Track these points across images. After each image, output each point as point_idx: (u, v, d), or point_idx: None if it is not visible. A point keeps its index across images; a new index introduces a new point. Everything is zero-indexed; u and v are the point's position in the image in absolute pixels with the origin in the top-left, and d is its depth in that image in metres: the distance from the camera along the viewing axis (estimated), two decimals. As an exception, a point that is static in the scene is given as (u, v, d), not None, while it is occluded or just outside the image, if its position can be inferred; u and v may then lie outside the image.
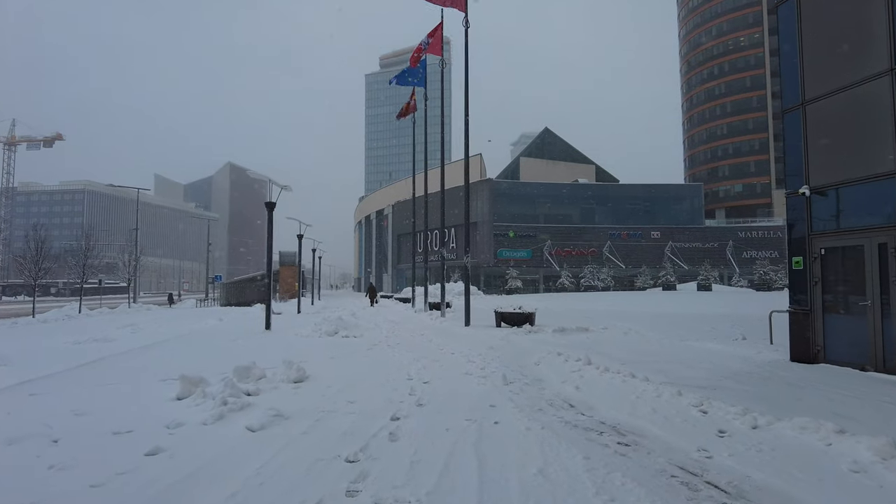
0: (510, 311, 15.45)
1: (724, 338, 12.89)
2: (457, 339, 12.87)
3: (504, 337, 12.81)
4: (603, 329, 14.69)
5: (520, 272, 57.04)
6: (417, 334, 14.13)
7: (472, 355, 9.96)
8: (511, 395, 6.62)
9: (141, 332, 16.94)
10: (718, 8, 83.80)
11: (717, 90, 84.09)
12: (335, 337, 13.29)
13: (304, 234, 25.00)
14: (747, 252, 67.78)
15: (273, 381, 7.17)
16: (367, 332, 14.38)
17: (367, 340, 12.74)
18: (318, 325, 14.12)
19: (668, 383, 6.90)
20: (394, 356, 10.06)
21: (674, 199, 71.14)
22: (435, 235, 59.13)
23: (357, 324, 15.48)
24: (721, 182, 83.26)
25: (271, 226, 15.05)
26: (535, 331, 13.75)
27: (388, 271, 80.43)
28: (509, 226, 64.02)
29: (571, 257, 64.21)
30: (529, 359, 9.51)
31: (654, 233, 67.51)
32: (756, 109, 79.68)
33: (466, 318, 15.96)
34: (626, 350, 10.50)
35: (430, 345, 11.86)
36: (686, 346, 11.46)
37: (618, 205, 69.15)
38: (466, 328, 15.39)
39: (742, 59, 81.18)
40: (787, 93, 9.48)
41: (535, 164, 75.20)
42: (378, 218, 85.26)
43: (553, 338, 12.63)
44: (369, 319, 19.85)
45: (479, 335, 13.45)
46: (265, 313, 15.08)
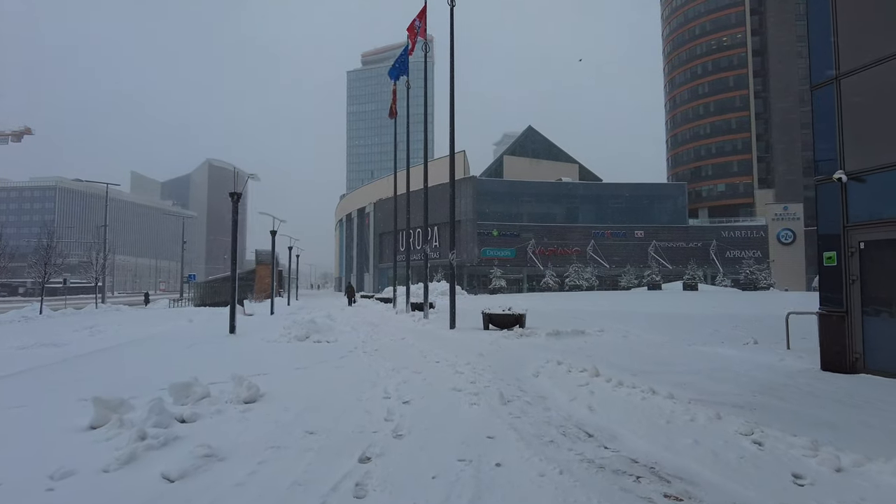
0: (499, 312, 14.22)
1: (733, 341, 11.82)
2: (442, 343, 11.58)
3: (494, 341, 11.57)
4: (599, 332, 13.54)
5: (504, 272, 56.01)
6: (398, 338, 12.82)
7: (459, 364, 8.69)
8: (512, 419, 5.35)
9: (100, 334, 15.42)
10: (702, 7, 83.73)
11: (701, 89, 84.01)
12: (306, 342, 11.92)
13: (277, 231, 23.53)
14: (730, 252, 67.71)
15: (217, 402, 5.82)
16: (342, 336, 13.02)
17: (342, 346, 11.40)
18: (287, 328, 12.72)
19: (697, 401, 5.71)
20: (370, 366, 8.75)
21: (657, 199, 70.83)
22: (417, 234, 57.84)
23: (332, 326, 14.11)
24: (704, 182, 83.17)
25: (236, 218, 13.63)
26: (526, 334, 12.54)
27: (369, 271, 78.87)
28: (493, 224, 63.00)
29: (555, 256, 63.42)
30: (526, 369, 8.26)
31: (638, 232, 67.10)
32: (739, 109, 79.69)
33: (451, 319, 14.69)
34: (632, 357, 9.32)
35: (411, 351, 10.56)
36: (696, 351, 10.33)
37: (602, 204, 68.61)
38: (451, 331, 14.12)
39: (725, 59, 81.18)
40: (817, 66, 8.38)
41: (519, 162, 74.30)
42: (359, 216, 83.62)
43: (548, 342, 11.42)
44: (346, 321, 18.47)
45: (467, 339, 12.19)
46: (230, 315, 13.64)
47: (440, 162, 65.27)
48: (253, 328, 14.98)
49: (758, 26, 78.87)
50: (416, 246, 61.34)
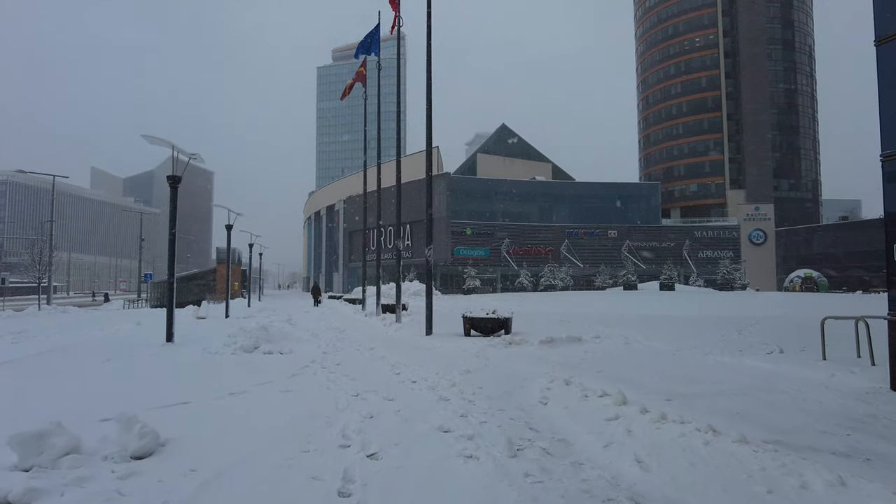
0: (482, 315, 12.45)
1: (750, 349, 10.30)
2: (418, 355, 9.73)
3: (480, 352, 9.77)
4: (596, 338, 11.90)
5: (478, 271, 54.37)
6: (366, 348, 10.91)
7: (442, 385, 6.87)
8: (531, 486, 3.56)
9: (25, 341, 13.10)
10: (675, 8, 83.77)
11: (673, 90, 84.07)
12: (254, 354, 9.93)
13: (233, 225, 21.26)
14: (703, 252, 67.59)
15: (88, 461, 3.88)
16: (299, 346, 11.03)
17: (297, 359, 9.45)
18: (232, 336, 10.67)
19: (781, 445, 4.05)
20: (328, 388, 6.85)
21: (631, 198, 70.32)
22: (389, 232, 55.77)
23: (288, 333, 12.10)
24: (676, 182, 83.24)
25: (174, 207, 11.54)
26: (516, 342, 10.79)
27: (338, 270, 76.35)
28: (467, 223, 61.39)
29: (529, 256, 62.18)
30: (529, 392, 6.47)
31: (612, 232, 66.43)
32: (711, 110, 79.90)
33: (428, 324, 12.86)
34: (652, 372, 7.65)
35: (381, 366, 8.68)
36: (719, 363, 8.74)
37: (575, 203, 67.74)
38: (428, 338, 12.29)
39: (697, 60, 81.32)
40: (882, 16, 6.85)
41: (493, 160, 72.96)
42: (328, 214, 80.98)
43: (543, 352, 9.69)
44: (308, 326, 16.45)
45: (447, 349, 10.35)
46: (167, 320, 11.53)
47: (413, 158, 63.31)
48: (198, 335, 12.85)
49: (729, 28, 79.21)
50: (387, 244, 59.26)
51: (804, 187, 79.38)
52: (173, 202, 11.52)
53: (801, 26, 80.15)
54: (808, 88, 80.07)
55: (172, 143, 11.33)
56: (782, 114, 78.31)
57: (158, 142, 11.37)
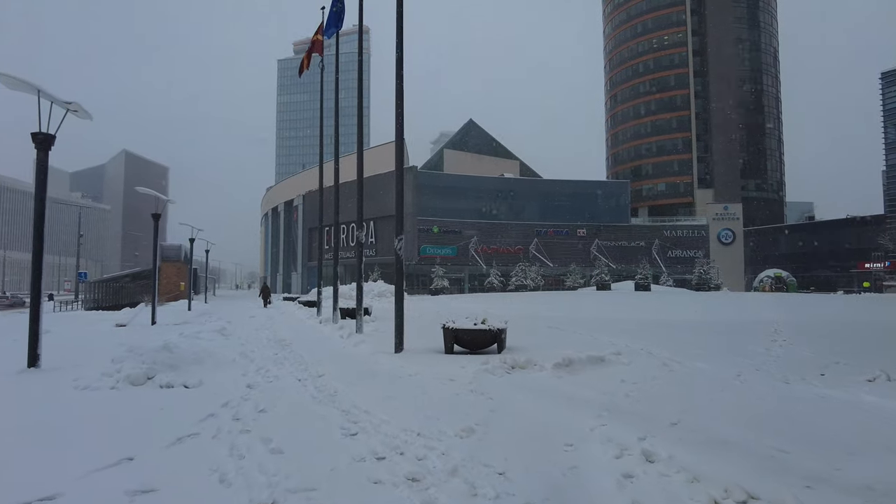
0: (469, 326, 9.54)
1: (826, 370, 7.73)
2: (387, 392, 6.67)
3: (475, 383, 6.83)
4: (616, 354, 9.11)
5: (445, 271, 51.49)
6: (312, 376, 7.79)
7: (432, 471, 3.90)
8: None
9: None
10: (643, 6, 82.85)
11: (642, 87, 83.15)
12: (144, 387, 6.76)
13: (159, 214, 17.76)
14: (672, 251, 66.56)
15: None
16: (217, 374, 7.84)
17: (205, 399, 6.31)
18: (118, 361, 7.44)
19: None
20: (221, 483, 3.77)
21: (600, 197, 68.87)
22: (351, 229, 52.39)
23: (208, 353, 8.88)
24: (644, 181, 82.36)
25: (43, 182, 8.26)
26: (519, 364, 7.91)
27: (297, 269, 72.29)
28: (434, 220, 58.51)
29: (498, 255, 59.76)
30: (595, 486, 3.58)
31: (581, 230, 64.77)
32: (679, 108, 79.22)
33: (398, 337, 9.83)
34: (743, 420, 4.87)
35: (329, 415, 5.61)
36: (825, 400, 6.04)
37: (544, 201, 65.82)
38: (398, 357, 9.29)
39: (666, 58, 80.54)
40: None
41: (460, 157, 70.36)
42: (287, 210, 76.71)
43: (565, 384, 6.83)
44: (246, 337, 13.18)
45: (427, 378, 7.34)
46: (30, 335, 8.21)
47: (376, 151, 59.99)
48: (80, 356, 9.46)
49: (698, 27, 78.66)
50: (349, 242, 55.83)
51: (770, 188, 79.57)
52: (41, 169, 8.23)
53: (767, 27, 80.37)
54: (773, 90, 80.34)
55: (39, 88, 8.06)
56: (749, 114, 78.23)
57: (19, 85, 8.07)
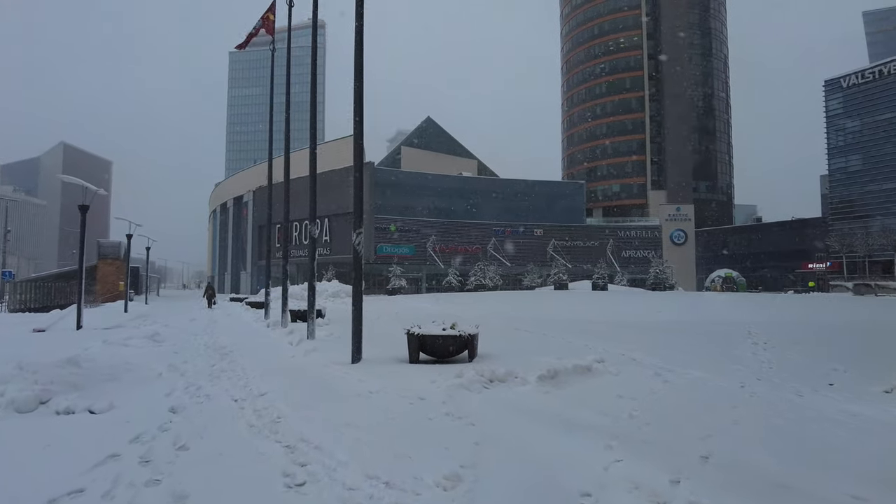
0: (437, 332, 8.44)
1: (841, 381, 7.03)
2: (341, 415, 5.45)
3: (450, 402, 5.72)
4: (599, 362, 8.21)
5: (403, 270, 50.17)
6: (252, 395, 6.48)
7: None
8: None
9: None
10: (601, 8, 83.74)
11: (598, 89, 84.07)
12: (35, 414, 5.34)
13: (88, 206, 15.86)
14: (626, 251, 67.36)
15: None
16: (135, 393, 6.45)
17: (116, 426, 4.97)
18: (3, 381, 5.96)
19: None
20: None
21: (557, 197, 69.18)
22: (304, 227, 50.39)
23: (128, 365, 7.47)
24: (599, 182, 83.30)
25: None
26: (498, 377, 6.87)
27: (246, 269, 69.43)
28: (391, 218, 57.12)
29: (456, 254, 58.92)
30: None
31: (538, 230, 64.74)
32: (634, 111, 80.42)
33: (355, 345, 8.62)
34: (772, 445, 3.99)
35: (268, 451, 4.35)
36: (856, 418, 5.26)
37: (502, 201, 65.52)
38: (356, 368, 8.08)
39: (622, 60, 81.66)
40: None
41: (418, 154, 69.23)
42: (236, 206, 73.62)
43: (556, 401, 5.83)
44: (181, 345, 11.64)
45: (391, 397, 6.15)
46: None
47: (332, 146, 58.06)
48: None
49: (653, 31, 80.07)
50: (302, 241, 53.79)
51: (720, 190, 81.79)
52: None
53: (718, 34, 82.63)
54: (724, 94, 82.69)
55: None
56: (701, 118, 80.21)
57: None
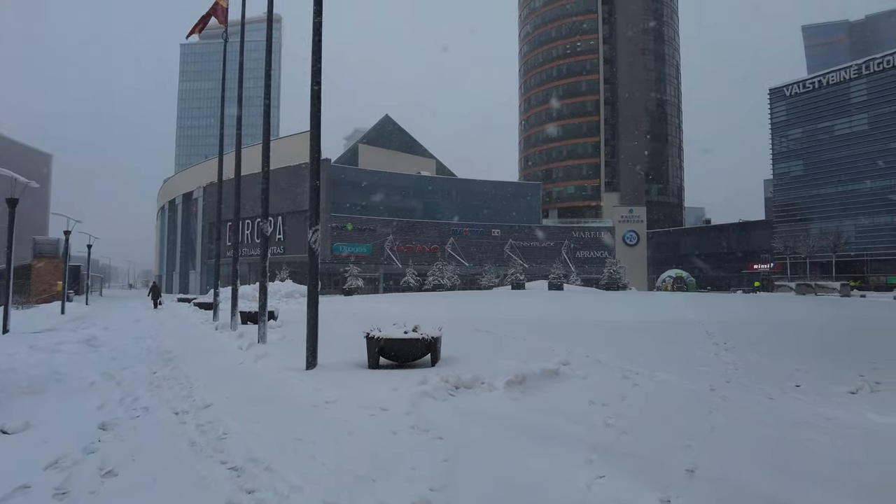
0: (398, 336, 8.04)
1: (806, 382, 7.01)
2: (295, 432, 4.94)
3: (415, 413, 5.33)
4: (565, 364, 7.99)
5: (360, 270, 49.33)
6: (196, 408, 5.90)
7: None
8: None
9: None
10: (559, 11, 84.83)
11: (555, 92, 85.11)
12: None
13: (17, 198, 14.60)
14: (581, 252, 68.44)
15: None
16: (65, 404, 5.76)
17: (31, 448, 4.35)
18: None
19: None
20: None
21: (514, 198, 69.69)
22: (257, 225, 48.87)
23: (61, 372, 6.74)
24: (555, 183, 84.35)
25: None
26: (464, 383, 6.53)
27: (195, 268, 66.98)
28: (348, 217, 56.12)
29: (414, 254, 58.43)
30: None
31: (495, 230, 65.03)
32: (590, 114, 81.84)
33: (310, 349, 8.11)
34: (757, 457, 3.80)
35: (216, 476, 3.82)
36: (831, 422, 5.16)
37: (460, 201, 65.50)
38: (311, 375, 7.59)
39: (578, 64, 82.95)
40: None
41: (375, 152, 68.32)
42: (185, 202, 70.92)
43: (529, 411, 5.52)
44: (120, 351, 10.79)
45: (351, 411, 5.68)
46: None
47: (286, 141, 56.62)
48: None
49: (608, 35, 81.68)
50: (254, 239, 52.19)
51: (671, 192, 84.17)
52: None
53: (670, 41, 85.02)
54: (675, 100, 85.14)
55: None
56: (653, 122, 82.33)
57: None
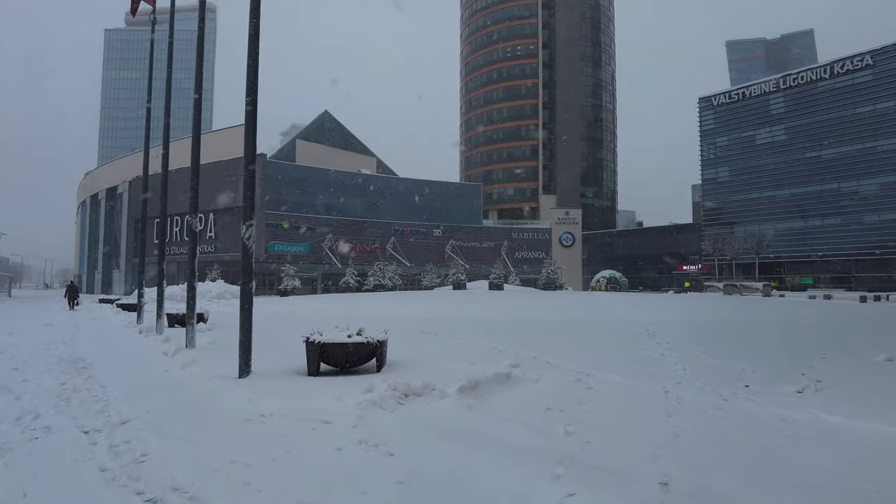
0: (341, 339, 7.50)
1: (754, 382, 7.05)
2: (227, 452, 4.36)
3: (361, 428, 4.85)
4: (514, 367, 7.76)
5: (297, 270, 47.79)
6: (111, 424, 5.14)
7: None
8: None
9: None
10: (500, 14, 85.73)
11: (495, 94, 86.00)
12: None
13: None
14: (519, 252, 69.49)
15: None
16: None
17: None
18: None
19: None
20: None
21: (455, 198, 69.85)
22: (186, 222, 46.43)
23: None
24: (495, 185, 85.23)
25: None
26: (413, 390, 6.12)
27: (119, 267, 62.95)
28: (284, 215, 54.28)
29: (354, 253, 57.32)
30: None
31: (437, 231, 64.93)
32: (529, 117, 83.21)
33: (244, 355, 7.44)
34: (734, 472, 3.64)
35: None
36: (785, 423, 5.12)
37: (402, 200, 64.91)
38: (245, 386, 6.93)
39: (518, 68, 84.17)
40: None
41: (313, 148, 66.55)
42: (109, 197, 66.51)
43: (485, 420, 5.18)
44: (24, 358, 9.60)
45: (290, 426, 5.11)
46: None
47: (219, 135, 54.19)
48: None
49: (548, 40, 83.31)
50: (184, 237, 49.56)
51: (605, 196, 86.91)
52: None
53: (607, 48, 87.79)
54: (611, 106, 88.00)
55: None
56: (589, 126, 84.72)
57: None
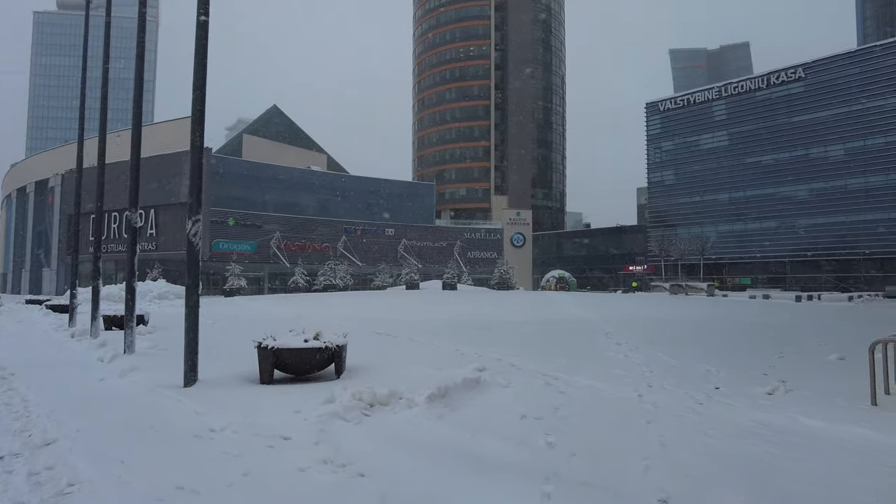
0: (297, 345, 6.99)
1: (724, 383, 7.00)
2: (172, 477, 3.77)
3: (324, 444, 4.39)
4: (481, 370, 7.45)
5: (243, 269, 46.15)
6: (35, 446, 4.46)
7: None
8: None
9: None
10: (453, 14, 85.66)
11: (448, 95, 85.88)
12: None
13: None
14: (471, 252, 69.74)
15: None
16: None
17: None
18: None
19: None
20: None
21: (408, 197, 69.46)
22: (125, 218, 43.99)
23: None
24: (448, 185, 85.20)
25: None
26: (379, 400, 5.70)
27: (50, 265, 59.16)
28: (230, 212, 52.34)
29: (304, 252, 55.88)
30: None
31: (389, 230, 64.34)
32: (481, 118, 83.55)
33: (189, 361, 6.81)
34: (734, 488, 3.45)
35: None
36: (766, 428, 5.00)
37: (353, 198, 63.94)
38: (191, 396, 6.31)
39: (471, 68, 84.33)
40: None
41: (261, 144, 64.69)
42: (39, 191, 62.40)
43: (459, 431, 4.82)
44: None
45: (244, 442, 4.55)
46: None
47: (161, 127, 51.79)
48: None
49: (500, 42, 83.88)
50: (122, 234, 46.98)
51: (554, 197, 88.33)
52: None
53: (557, 52, 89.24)
54: (561, 109, 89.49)
55: None
56: (540, 129, 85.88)
57: None
